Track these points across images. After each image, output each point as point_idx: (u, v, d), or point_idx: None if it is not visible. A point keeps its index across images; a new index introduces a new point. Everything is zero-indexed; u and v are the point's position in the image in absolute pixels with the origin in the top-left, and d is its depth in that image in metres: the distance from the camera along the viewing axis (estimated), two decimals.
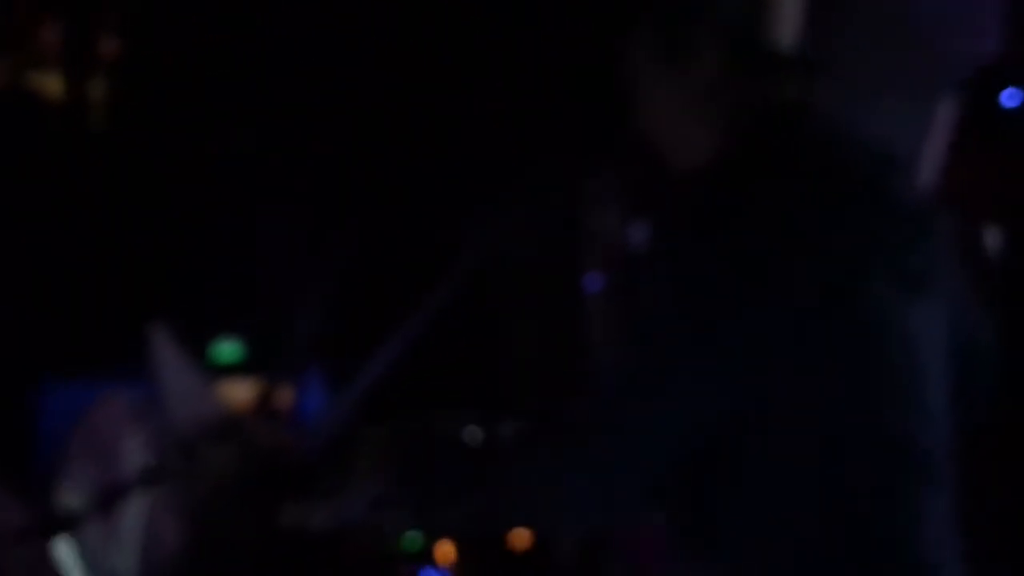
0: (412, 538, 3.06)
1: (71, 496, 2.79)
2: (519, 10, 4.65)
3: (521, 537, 3.23)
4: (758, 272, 1.73)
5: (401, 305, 4.31)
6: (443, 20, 4.85)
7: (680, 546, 1.84)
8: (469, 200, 4.66)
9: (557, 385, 4.27)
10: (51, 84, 5.25)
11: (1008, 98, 4.22)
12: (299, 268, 5.15)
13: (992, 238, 3.67)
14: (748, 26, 1.86)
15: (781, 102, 1.86)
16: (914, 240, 1.84)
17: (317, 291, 4.98)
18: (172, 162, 5.35)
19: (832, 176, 1.82)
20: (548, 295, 4.39)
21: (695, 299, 1.75)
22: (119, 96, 5.28)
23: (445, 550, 3.03)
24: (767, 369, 1.74)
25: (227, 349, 5.40)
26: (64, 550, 2.61)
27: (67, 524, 2.62)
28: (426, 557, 3.05)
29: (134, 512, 2.83)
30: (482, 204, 4.57)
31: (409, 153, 5.01)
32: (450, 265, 4.18)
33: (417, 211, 5.02)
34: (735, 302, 1.73)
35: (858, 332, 1.75)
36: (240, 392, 5.17)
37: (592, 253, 3.99)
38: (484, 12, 4.75)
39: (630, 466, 1.79)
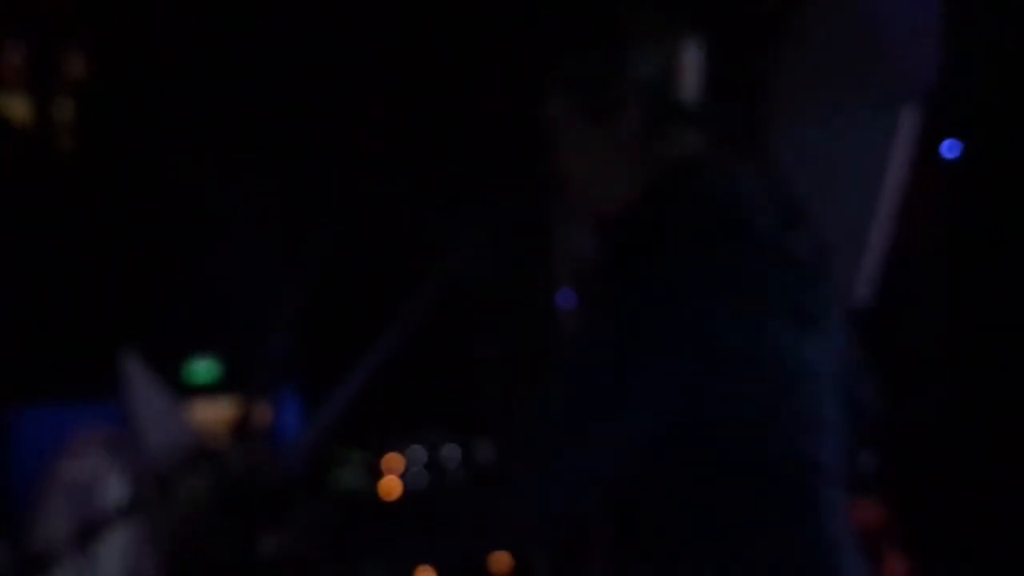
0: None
1: (46, 534, 2.77)
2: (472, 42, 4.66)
3: (501, 562, 3.22)
4: (663, 312, 1.88)
5: (375, 321, 4.30)
6: (411, 47, 4.85)
7: (622, 553, 1.96)
8: (440, 216, 4.65)
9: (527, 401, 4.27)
10: (16, 107, 5.22)
11: (948, 150, 4.27)
12: (272, 287, 5.13)
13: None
14: (663, 83, 1.97)
15: (688, 155, 1.99)
16: (805, 284, 2.01)
17: (291, 310, 4.96)
18: (141, 184, 5.32)
19: (733, 228, 1.95)
20: (521, 312, 4.39)
21: (611, 333, 1.89)
22: (86, 117, 5.25)
23: None
24: (679, 395, 1.88)
25: (203, 369, 5.38)
26: None
27: (41, 564, 2.59)
28: None
29: (113, 546, 2.81)
30: (453, 220, 4.56)
31: (380, 171, 5.00)
32: (422, 281, 4.17)
33: (388, 228, 5.01)
34: (646, 338, 1.88)
35: (759, 362, 1.91)
36: (216, 411, 5.15)
37: (564, 269, 3.99)
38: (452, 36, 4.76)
39: (568, 491, 1.90)
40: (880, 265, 3.56)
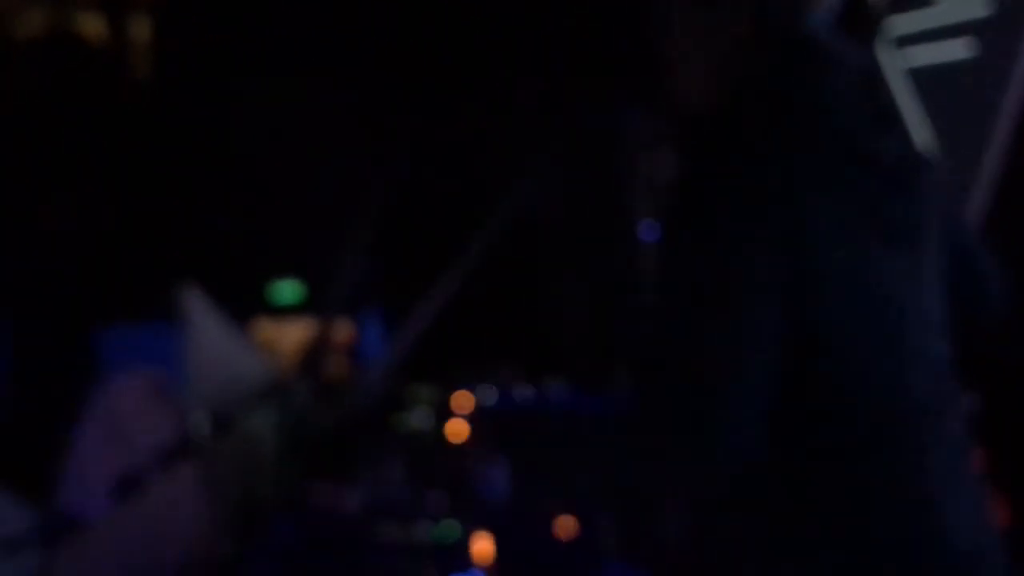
0: (447, 528, 2.95)
1: (89, 481, 2.71)
2: None
3: (566, 525, 3.11)
4: (745, 212, 1.79)
5: (454, 242, 4.19)
6: None
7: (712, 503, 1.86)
8: (519, 140, 4.50)
9: (610, 339, 4.12)
10: (91, 25, 5.14)
11: None
12: (352, 208, 5.05)
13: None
14: None
15: (789, 63, 1.92)
16: (891, 193, 1.90)
17: (371, 230, 4.88)
18: (219, 104, 5.25)
19: (820, 133, 1.88)
20: (600, 245, 4.23)
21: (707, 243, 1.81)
22: (162, 36, 5.17)
23: (482, 544, 2.91)
24: (784, 291, 1.80)
25: (287, 290, 5.37)
26: (75, 551, 2.53)
27: (74, 525, 2.53)
28: (462, 550, 2.94)
29: (159, 495, 2.74)
30: (529, 143, 4.41)
31: (458, 94, 4.87)
32: (499, 206, 4.04)
33: (467, 152, 4.88)
34: (742, 246, 1.80)
35: (835, 276, 1.81)
36: (300, 332, 5.12)
37: (647, 199, 3.81)
38: None
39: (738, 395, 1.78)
40: (994, 185, 3.41)
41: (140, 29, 5.21)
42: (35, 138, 5.09)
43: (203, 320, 3.37)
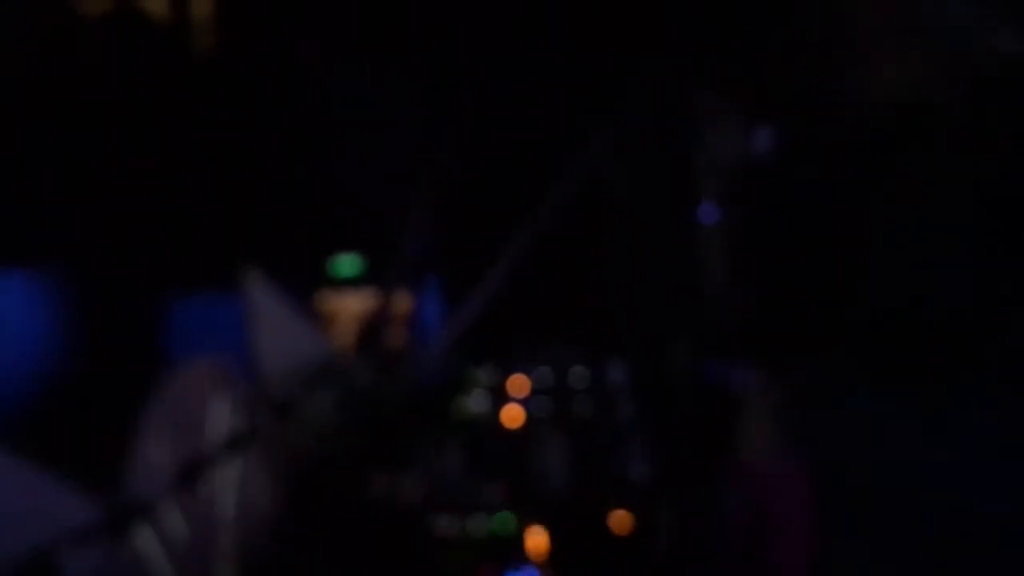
0: (503, 520, 2.98)
1: (151, 469, 2.77)
2: None
3: (621, 521, 3.12)
4: None
5: (514, 218, 4.20)
6: None
7: None
8: (579, 120, 4.49)
9: (668, 321, 4.10)
10: (155, 3, 5.18)
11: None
12: (412, 183, 5.08)
13: None
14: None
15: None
16: None
17: (430, 205, 4.90)
18: (281, 80, 5.28)
19: None
20: (661, 226, 4.21)
21: None
22: (224, 15, 5.19)
23: (537, 538, 2.94)
24: None
25: (347, 263, 5.40)
26: (142, 540, 2.58)
27: (140, 514, 2.59)
28: (517, 544, 2.97)
29: (223, 481, 2.79)
30: (593, 125, 4.40)
31: (520, 71, 4.85)
32: (561, 183, 4.04)
33: (529, 127, 4.87)
34: None
35: None
36: (359, 304, 5.17)
37: (707, 183, 3.79)
38: None
39: None
40: None
41: (201, 6, 5.24)
42: (102, 114, 5.14)
43: (264, 302, 3.42)
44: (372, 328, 4.99)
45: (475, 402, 3.42)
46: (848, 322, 1.79)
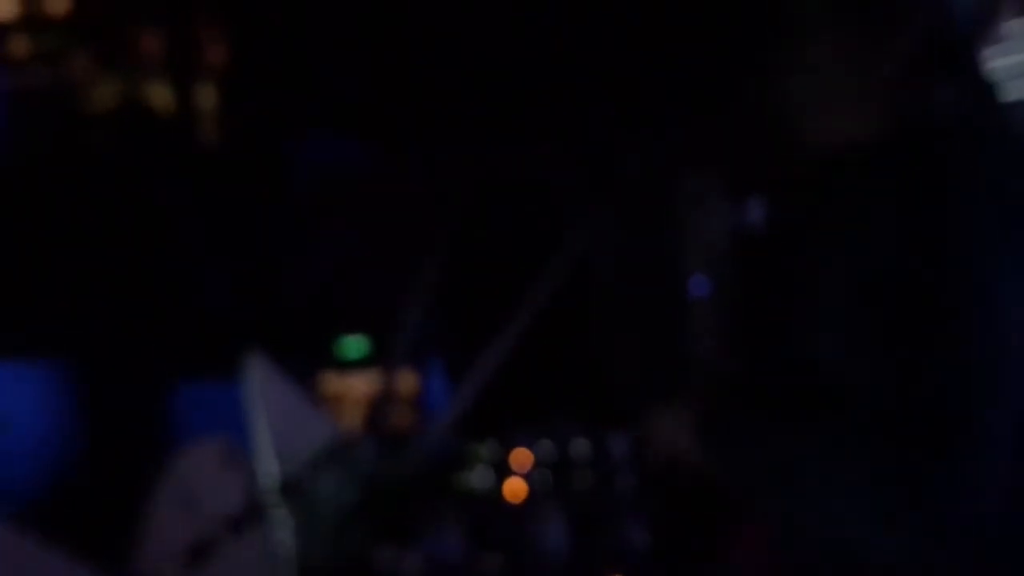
0: None
1: (158, 548, 2.82)
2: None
3: None
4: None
5: (512, 296, 4.27)
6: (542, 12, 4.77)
7: None
8: (571, 197, 4.58)
9: (662, 393, 4.17)
10: (159, 95, 5.30)
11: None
12: (412, 264, 5.16)
13: None
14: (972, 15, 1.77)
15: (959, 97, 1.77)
16: None
17: (431, 286, 4.98)
18: (284, 166, 5.38)
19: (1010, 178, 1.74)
20: (651, 300, 4.29)
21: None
22: (228, 104, 5.31)
23: None
24: None
25: (353, 345, 5.46)
26: None
27: None
28: None
29: (232, 559, 2.84)
30: (583, 201, 4.49)
31: (511, 150, 4.96)
32: (552, 262, 4.12)
33: (523, 205, 4.96)
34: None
35: None
36: (365, 385, 5.22)
37: (696, 254, 3.87)
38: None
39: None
40: None
41: (206, 97, 5.36)
42: (106, 206, 5.24)
43: (269, 386, 3.48)
44: (378, 409, 5.05)
45: (477, 477, 3.47)
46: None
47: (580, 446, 3.68)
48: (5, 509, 3.80)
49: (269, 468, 3.12)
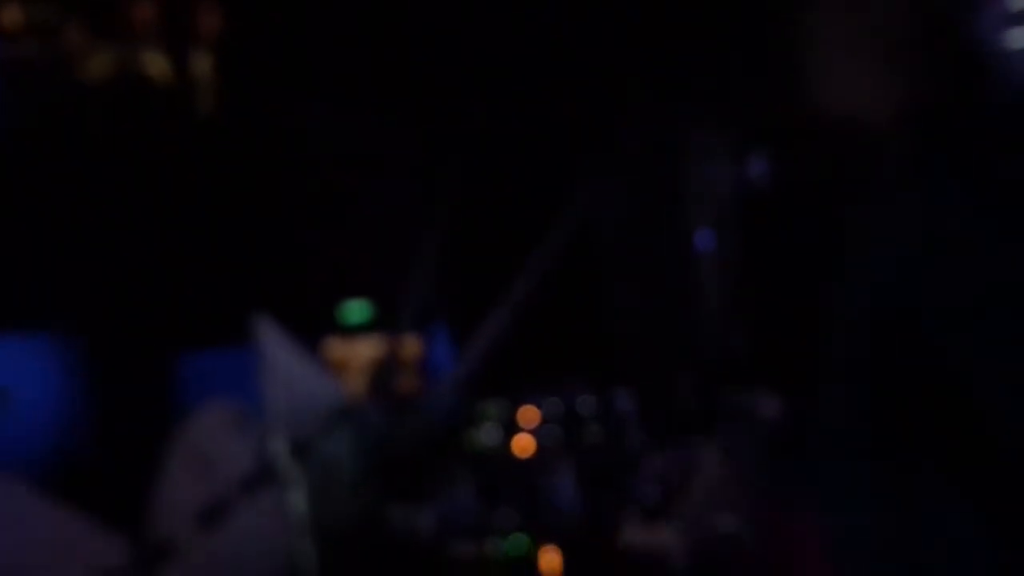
0: (517, 542, 3.04)
1: (171, 512, 2.82)
2: None
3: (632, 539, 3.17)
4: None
5: (516, 260, 4.27)
6: None
7: None
8: (575, 158, 4.57)
9: (668, 349, 4.18)
10: (156, 65, 5.27)
11: None
12: (415, 229, 5.15)
13: None
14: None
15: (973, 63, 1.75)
16: None
17: (434, 250, 4.97)
18: (284, 134, 5.36)
19: None
20: (658, 255, 4.29)
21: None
22: (223, 73, 5.29)
23: (550, 557, 2.99)
24: None
25: (356, 310, 5.46)
26: None
27: (165, 553, 2.65)
28: (530, 564, 3.03)
29: (244, 520, 2.85)
30: (588, 161, 4.48)
31: (515, 111, 4.94)
32: (560, 220, 4.11)
33: (529, 168, 4.96)
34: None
35: None
36: (369, 350, 5.23)
37: (702, 210, 3.87)
38: None
39: None
40: None
41: (202, 66, 5.33)
42: (107, 177, 5.22)
43: (276, 348, 3.49)
44: (383, 374, 5.05)
45: (487, 434, 3.48)
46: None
47: (587, 403, 3.69)
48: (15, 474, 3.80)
49: (278, 430, 3.13)
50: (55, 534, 2.62)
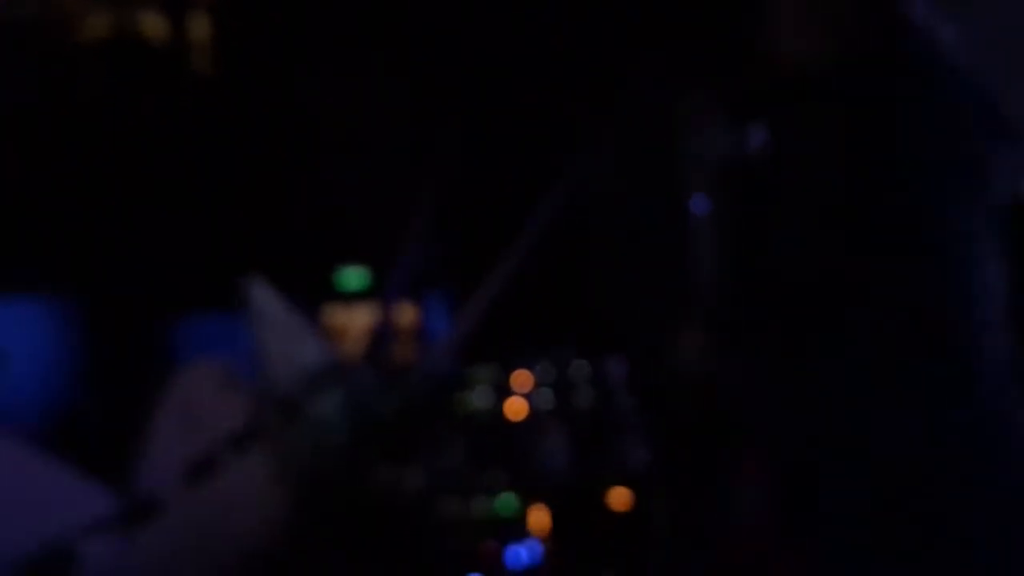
0: (506, 501, 3.05)
1: (158, 468, 2.83)
2: None
3: (620, 497, 3.19)
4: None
5: (512, 225, 4.26)
6: None
7: None
8: (566, 123, 4.56)
9: (662, 315, 4.17)
10: (153, 26, 5.26)
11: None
12: (411, 195, 5.15)
13: None
14: None
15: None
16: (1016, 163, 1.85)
17: (430, 216, 4.97)
18: (282, 97, 5.36)
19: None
20: (651, 220, 4.27)
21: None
22: (222, 34, 5.28)
23: (539, 515, 3.01)
24: None
25: (353, 276, 5.46)
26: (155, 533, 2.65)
27: (152, 507, 2.65)
28: (519, 523, 3.04)
29: (229, 481, 2.85)
30: (579, 127, 4.47)
31: (513, 75, 4.93)
32: (550, 189, 4.11)
33: (522, 133, 4.95)
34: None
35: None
36: (366, 317, 5.23)
37: (696, 173, 3.85)
38: None
39: None
40: None
41: (200, 27, 5.32)
42: (103, 138, 5.22)
43: (269, 309, 3.49)
44: (379, 341, 5.05)
45: (478, 397, 3.49)
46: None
47: (579, 367, 3.70)
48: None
49: (268, 388, 3.13)
50: (42, 482, 2.63)
